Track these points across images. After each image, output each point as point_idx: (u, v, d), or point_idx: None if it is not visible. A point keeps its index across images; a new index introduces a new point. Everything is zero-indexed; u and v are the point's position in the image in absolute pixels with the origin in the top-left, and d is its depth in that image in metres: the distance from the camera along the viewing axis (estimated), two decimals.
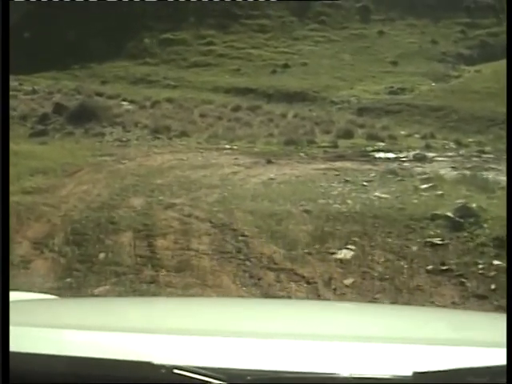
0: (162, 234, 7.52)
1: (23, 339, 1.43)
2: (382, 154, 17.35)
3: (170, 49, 35.82)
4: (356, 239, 7.28)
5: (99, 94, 25.83)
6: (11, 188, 9.66)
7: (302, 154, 16.59)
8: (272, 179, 11.66)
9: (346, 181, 11.46)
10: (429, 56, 35.26)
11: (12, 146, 13.40)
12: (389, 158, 16.40)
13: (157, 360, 1.28)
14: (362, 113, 25.68)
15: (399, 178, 11.59)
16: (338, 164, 14.82)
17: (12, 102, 22.02)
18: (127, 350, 1.37)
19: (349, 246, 7.00)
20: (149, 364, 1.28)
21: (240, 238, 7.29)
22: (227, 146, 17.17)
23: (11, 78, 29.06)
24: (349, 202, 9.29)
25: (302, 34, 37.74)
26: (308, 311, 2.16)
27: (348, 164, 14.91)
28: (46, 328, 1.56)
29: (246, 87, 29.58)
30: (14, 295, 2.02)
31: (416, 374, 1.25)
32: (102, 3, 35.42)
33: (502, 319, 1.80)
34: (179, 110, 23.73)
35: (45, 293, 2.81)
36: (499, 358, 1.31)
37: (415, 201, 9.11)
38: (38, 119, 17.64)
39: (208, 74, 32.48)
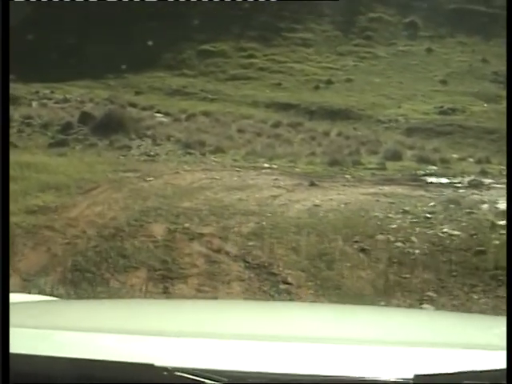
0: (182, 275, 5.99)
1: (24, 341, 1.43)
2: (434, 179, 15.82)
3: (209, 60, 34.60)
4: (431, 294, 5.63)
5: (132, 105, 24.71)
6: (14, 206, 8.20)
7: (347, 176, 15.08)
8: (318, 206, 10.04)
9: (405, 211, 9.78)
10: (480, 75, 33.56)
11: (26, 157, 12.02)
12: (442, 184, 14.89)
13: (158, 362, 1.28)
14: (411, 133, 24.10)
15: (467, 210, 9.86)
16: (388, 189, 13.30)
17: (40, 110, 20.87)
18: (129, 352, 1.38)
19: (424, 305, 5.33)
20: (150, 366, 1.28)
21: (281, 286, 5.72)
22: (266, 165, 15.64)
23: (42, 85, 28.79)
24: (413, 239, 7.65)
25: (346, 49, 36.24)
26: (309, 314, 2.17)
27: (399, 189, 13.38)
28: (48, 330, 1.56)
29: (287, 102, 28.13)
30: (14, 297, 2.03)
31: (417, 376, 1.26)
32: (139, 13, 34.63)
33: (502, 322, 1.78)
34: (216, 124, 22.43)
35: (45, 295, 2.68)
36: (500, 361, 1.31)
37: (496, 241, 7.39)
38: (60, 128, 16.19)
39: (247, 87, 31.17)
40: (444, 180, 15.28)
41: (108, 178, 11.15)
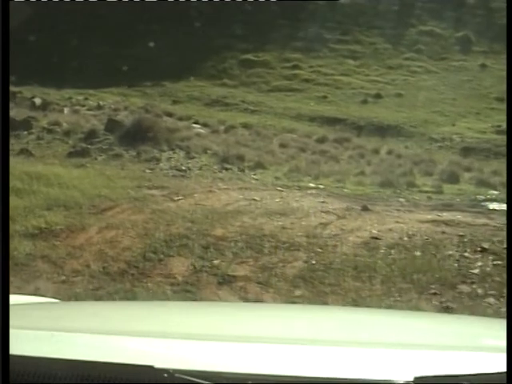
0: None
1: (24, 342, 1.44)
2: (496, 205, 14.13)
3: (251, 71, 33.41)
4: None
5: (168, 114, 23.82)
6: (11, 227, 6.66)
7: (401, 200, 13.51)
8: (376, 238, 8.34)
9: (484, 249, 8.04)
10: None
11: (39, 168, 10.50)
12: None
13: (158, 364, 1.29)
14: (467, 153, 22.46)
15: None
16: (448, 215, 11.68)
17: (69, 117, 19.49)
18: (129, 354, 1.39)
19: None
20: (151, 368, 1.29)
21: None
22: (311, 185, 14.03)
23: (76, 91, 27.73)
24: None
25: (396, 63, 34.80)
26: (309, 317, 2.16)
27: (459, 216, 11.73)
28: (48, 331, 1.55)
29: (333, 117, 26.75)
30: (15, 298, 2.04)
31: (418, 378, 1.26)
32: (181, 20, 33.67)
33: (502, 324, 1.82)
34: (256, 137, 21.27)
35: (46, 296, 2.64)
36: (499, 363, 1.32)
37: None
38: (84, 136, 14.65)
39: (291, 99, 29.83)
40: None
41: (129, 195, 9.52)
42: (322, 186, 13.87)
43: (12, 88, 24.84)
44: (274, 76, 32.95)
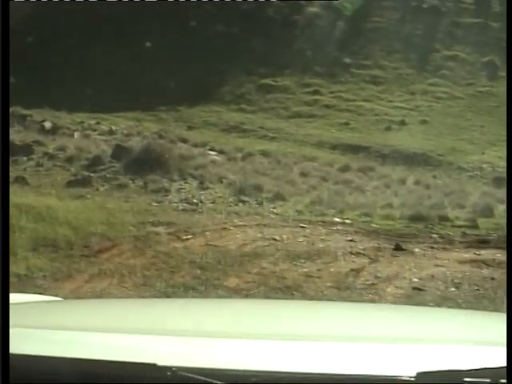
0: None
1: (26, 341, 1.44)
2: None
3: (270, 96, 32.56)
4: None
5: (183, 140, 23.10)
6: None
7: (434, 236, 12.32)
8: (419, 289, 7.08)
9: None
10: None
11: (30, 199, 9.32)
12: None
13: (161, 362, 1.28)
14: (500, 184, 21.26)
15: None
16: (487, 254, 10.68)
17: (78, 142, 18.41)
18: (131, 352, 1.38)
19: None
20: (153, 366, 1.27)
21: None
22: (337, 220, 12.78)
23: (88, 115, 26.87)
24: None
25: (420, 88, 33.89)
26: (311, 312, 2.17)
27: (499, 255, 10.62)
28: (49, 330, 1.56)
29: (356, 144, 25.89)
30: (17, 297, 2.06)
31: (419, 374, 1.27)
32: (197, 44, 33.02)
33: (502, 318, 1.82)
34: (276, 165, 20.33)
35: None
36: (500, 358, 1.34)
37: None
38: (87, 163, 13.41)
39: (312, 126, 29.00)
40: None
41: (130, 233, 8.25)
42: (348, 221, 12.66)
43: (22, 111, 24.06)
44: (293, 101, 32.32)
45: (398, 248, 9.99)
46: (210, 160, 19.35)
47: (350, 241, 10.01)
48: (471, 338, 1.66)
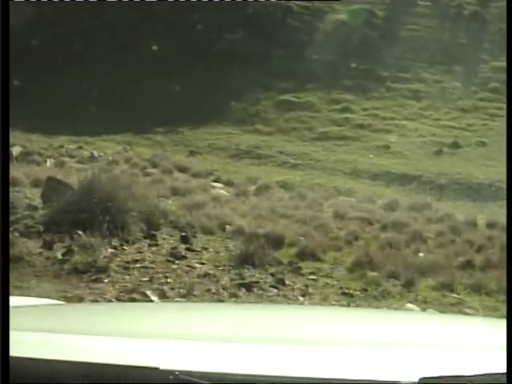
0: None
1: (27, 344, 1.45)
2: None
3: (291, 114, 30.10)
4: None
5: (182, 169, 20.32)
6: None
7: None
8: None
9: None
10: None
11: None
12: None
13: (164, 366, 1.29)
14: None
15: None
16: None
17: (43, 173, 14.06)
18: (133, 356, 1.39)
19: None
20: (156, 370, 1.29)
21: None
22: (406, 303, 7.94)
23: (68, 139, 23.15)
24: None
25: (470, 104, 30.57)
26: (312, 317, 2.21)
27: None
28: (50, 333, 1.57)
29: (401, 172, 22.46)
30: (16, 300, 2.05)
31: (422, 379, 1.28)
32: (204, 51, 31.03)
33: (503, 323, 1.84)
34: (300, 202, 16.35)
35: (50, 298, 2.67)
36: (500, 362, 1.36)
37: None
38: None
39: (343, 150, 26.10)
40: None
41: None
42: (420, 297, 8.23)
43: None
44: (319, 121, 29.86)
45: None
46: (213, 196, 15.38)
47: None
48: (473, 344, 1.68)
